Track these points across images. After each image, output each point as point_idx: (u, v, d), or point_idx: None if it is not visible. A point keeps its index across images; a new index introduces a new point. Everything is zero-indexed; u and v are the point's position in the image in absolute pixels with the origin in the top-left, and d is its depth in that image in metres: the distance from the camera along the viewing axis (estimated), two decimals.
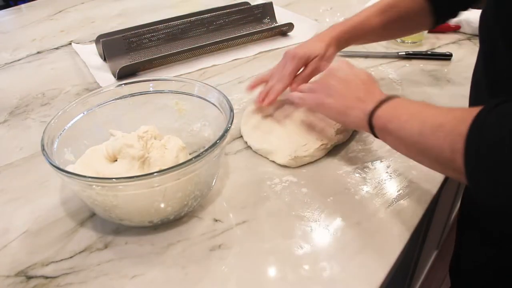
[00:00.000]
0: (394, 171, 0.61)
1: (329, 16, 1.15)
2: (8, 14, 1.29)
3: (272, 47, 0.98)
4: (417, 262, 1.14)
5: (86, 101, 0.59)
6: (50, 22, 1.20)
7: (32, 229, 0.54)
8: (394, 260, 0.48)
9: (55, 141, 0.54)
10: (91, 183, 0.46)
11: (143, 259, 0.50)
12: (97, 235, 0.53)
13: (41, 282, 0.48)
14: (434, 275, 1.49)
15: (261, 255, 0.49)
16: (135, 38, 0.93)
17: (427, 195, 0.57)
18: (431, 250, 1.42)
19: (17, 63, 0.97)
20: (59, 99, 0.82)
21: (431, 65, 0.89)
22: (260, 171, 0.62)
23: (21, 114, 0.78)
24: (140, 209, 0.50)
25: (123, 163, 0.53)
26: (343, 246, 0.50)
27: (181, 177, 0.48)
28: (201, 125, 0.64)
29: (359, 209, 0.55)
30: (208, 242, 0.51)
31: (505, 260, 0.54)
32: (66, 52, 1.01)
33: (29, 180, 0.62)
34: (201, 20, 1.00)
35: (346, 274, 0.47)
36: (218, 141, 0.49)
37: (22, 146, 0.69)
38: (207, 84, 0.61)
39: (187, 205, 0.53)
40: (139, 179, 0.46)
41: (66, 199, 0.58)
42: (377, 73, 0.86)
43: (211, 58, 0.94)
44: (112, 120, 0.61)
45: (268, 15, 1.07)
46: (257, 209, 0.55)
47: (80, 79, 0.89)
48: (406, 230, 0.52)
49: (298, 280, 0.46)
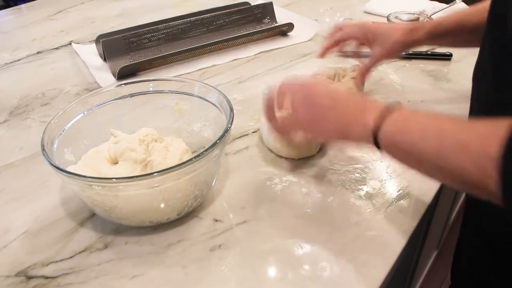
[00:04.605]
0: (394, 171, 0.61)
1: (329, 16, 1.15)
2: (8, 14, 1.29)
3: (272, 47, 0.98)
4: (417, 262, 1.14)
5: (86, 101, 0.59)
6: (50, 22, 1.20)
7: (32, 229, 0.54)
8: (394, 260, 0.48)
9: (55, 141, 0.54)
10: (91, 183, 0.46)
11: (143, 259, 0.50)
12: (97, 235, 0.53)
13: (41, 282, 0.48)
14: (434, 275, 1.49)
15: (261, 255, 0.49)
16: (135, 38, 0.93)
17: (427, 195, 0.57)
18: (431, 250, 1.42)
19: (17, 63, 0.97)
20: (59, 99, 0.82)
21: (431, 65, 0.89)
22: (260, 171, 0.62)
23: (21, 114, 0.78)
24: (140, 209, 0.50)
25: (125, 165, 0.53)
26: (343, 246, 0.50)
27: (181, 177, 0.48)
28: (201, 125, 0.64)
29: (359, 209, 0.55)
30: (208, 242, 0.51)
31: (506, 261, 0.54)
32: (66, 52, 1.01)
33: (29, 180, 0.62)
34: (201, 20, 1.00)
35: (346, 274, 0.47)
36: (218, 141, 0.49)
37: (22, 146, 0.69)
38: (207, 84, 0.61)
39: (187, 205, 0.53)
40: (139, 179, 0.46)
41: (66, 199, 0.58)
42: (377, 73, 0.86)
43: (211, 58, 0.94)
44: (112, 120, 0.61)
45: (268, 15, 1.08)
46: (257, 209, 0.55)
47: (80, 79, 0.89)
48: (406, 230, 0.52)
49: (298, 280, 0.46)
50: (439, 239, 1.47)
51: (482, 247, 0.58)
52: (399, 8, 1.05)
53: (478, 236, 0.59)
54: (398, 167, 0.61)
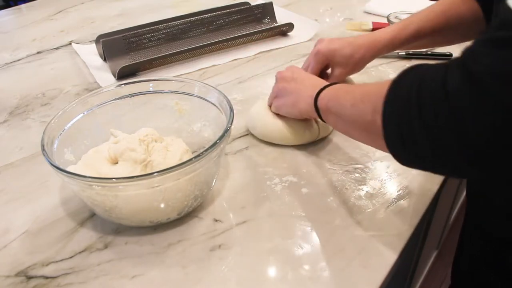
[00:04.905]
0: (394, 171, 0.61)
1: (329, 16, 1.15)
2: (8, 14, 1.29)
3: (272, 47, 0.98)
4: (417, 262, 1.14)
5: (86, 101, 0.59)
6: (50, 22, 1.20)
7: (32, 229, 0.54)
8: (394, 260, 0.48)
9: (55, 141, 0.54)
10: (91, 183, 0.46)
11: (143, 259, 0.50)
12: (97, 235, 0.53)
13: (41, 282, 0.48)
14: (434, 275, 1.49)
15: (261, 255, 0.49)
16: (135, 38, 0.93)
17: (427, 195, 0.57)
18: (431, 250, 1.43)
19: (17, 63, 0.97)
20: (59, 99, 0.82)
21: None
22: (260, 171, 0.62)
23: (21, 114, 0.78)
24: (140, 209, 0.50)
25: (125, 165, 0.53)
26: (343, 246, 0.50)
27: (181, 177, 0.48)
28: (201, 125, 0.64)
29: (359, 209, 0.55)
30: (208, 242, 0.51)
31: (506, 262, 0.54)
32: (66, 52, 1.01)
33: (29, 180, 0.62)
34: (201, 20, 1.00)
35: (346, 274, 0.47)
36: (218, 141, 0.49)
37: (22, 146, 0.69)
38: (207, 84, 0.61)
39: (187, 205, 0.53)
40: (139, 179, 0.46)
41: (66, 199, 0.58)
42: (377, 73, 0.86)
43: (211, 58, 0.94)
44: (112, 120, 0.61)
45: (268, 15, 1.07)
46: (257, 209, 0.55)
47: (80, 79, 0.89)
48: (406, 230, 0.52)
49: (298, 280, 0.46)
50: (439, 239, 1.47)
51: (483, 247, 0.58)
52: (399, 8, 1.06)
53: (478, 236, 0.59)
54: (398, 167, 0.61)
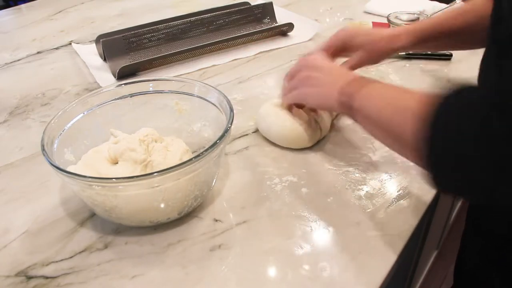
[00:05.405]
0: (394, 171, 0.61)
1: (329, 16, 1.15)
2: (8, 14, 1.29)
3: (272, 47, 0.98)
4: (417, 262, 1.14)
5: (86, 101, 0.59)
6: (50, 22, 1.20)
7: (32, 229, 0.54)
8: (394, 260, 0.48)
9: (55, 141, 0.54)
10: (91, 183, 0.46)
11: (143, 259, 0.50)
12: (97, 235, 0.53)
13: (41, 282, 0.48)
14: (434, 275, 1.49)
15: (261, 255, 0.49)
16: (135, 38, 0.93)
17: (427, 195, 0.57)
18: (431, 250, 1.42)
19: (17, 63, 0.97)
20: (59, 99, 0.82)
21: (431, 65, 0.89)
22: (260, 171, 0.62)
23: (21, 114, 0.78)
24: (140, 209, 0.50)
25: (125, 165, 0.53)
26: (343, 246, 0.50)
27: (181, 177, 0.48)
28: (201, 125, 0.64)
29: (359, 209, 0.55)
30: (208, 242, 0.51)
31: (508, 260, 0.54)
32: (66, 52, 1.01)
33: (29, 180, 0.62)
34: (201, 20, 1.00)
35: (346, 274, 0.47)
36: (218, 141, 0.49)
37: (22, 146, 0.69)
38: (207, 84, 0.61)
39: (187, 205, 0.53)
40: (139, 179, 0.46)
41: (66, 199, 0.58)
42: (377, 73, 0.86)
43: (211, 58, 0.94)
44: (112, 120, 0.61)
45: (268, 15, 1.07)
46: (257, 209, 0.55)
47: (80, 79, 0.89)
48: (406, 230, 0.52)
49: (298, 280, 0.46)
50: (439, 239, 1.47)
51: (484, 246, 0.58)
52: (399, 8, 1.05)
53: (480, 234, 0.60)
54: (399, 167, 0.61)
